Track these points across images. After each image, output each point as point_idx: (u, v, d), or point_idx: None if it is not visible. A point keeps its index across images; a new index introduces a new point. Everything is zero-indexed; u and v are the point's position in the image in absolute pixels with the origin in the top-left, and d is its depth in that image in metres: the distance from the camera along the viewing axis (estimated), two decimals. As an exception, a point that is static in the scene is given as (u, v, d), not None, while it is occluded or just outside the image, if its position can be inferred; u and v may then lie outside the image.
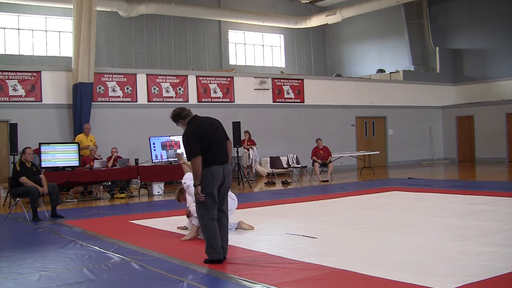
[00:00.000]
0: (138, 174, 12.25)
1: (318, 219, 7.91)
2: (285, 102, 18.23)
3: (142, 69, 17.60)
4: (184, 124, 5.44)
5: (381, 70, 22.33)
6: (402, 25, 22.66)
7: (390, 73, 21.93)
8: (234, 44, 23.30)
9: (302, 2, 24.08)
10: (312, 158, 14.98)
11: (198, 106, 15.73)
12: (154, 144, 13.07)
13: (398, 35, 23.02)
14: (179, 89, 16.08)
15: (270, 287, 4.35)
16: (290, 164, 15.84)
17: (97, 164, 11.72)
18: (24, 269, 5.28)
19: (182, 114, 5.46)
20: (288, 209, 9.34)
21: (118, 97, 15.12)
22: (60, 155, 11.77)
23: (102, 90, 14.87)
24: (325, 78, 20.96)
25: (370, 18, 23.09)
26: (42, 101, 14.05)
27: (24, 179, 8.78)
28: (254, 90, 17.61)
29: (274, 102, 17.99)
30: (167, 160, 13.09)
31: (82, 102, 14.03)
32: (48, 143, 11.93)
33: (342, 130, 19.41)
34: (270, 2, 23.76)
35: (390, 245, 5.91)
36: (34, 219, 8.57)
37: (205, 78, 16.64)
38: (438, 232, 6.61)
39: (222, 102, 16.85)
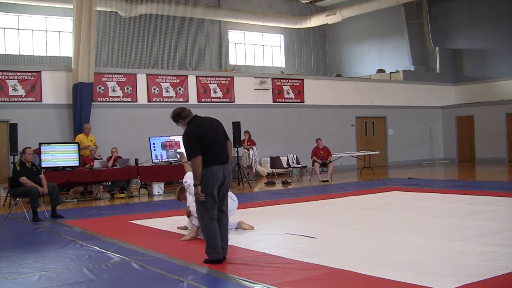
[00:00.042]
0: (138, 174, 12.26)
1: (318, 219, 7.91)
2: (285, 102, 18.23)
3: (142, 69, 17.60)
4: (184, 124, 5.45)
5: (381, 70, 22.33)
6: (402, 25, 22.66)
7: (390, 73, 21.93)
8: (234, 44, 23.31)
9: (302, 2, 24.08)
10: (312, 158, 14.98)
11: (198, 106, 15.72)
12: (154, 144, 13.07)
13: (398, 35, 23.02)
14: (179, 89, 16.08)
15: (270, 287, 4.35)
16: (290, 164, 15.84)
17: (97, 164, 11.72)
18: (24, 269, 5.28)
19: (182, 114, 5.47)
20: (288, 209, 9.34)
21: (118, 97, 15.12)
22: (60, 155, 11.77)
23: (102, 90, 14.87)
24: (325, 78, 20.95)
25: (370, 18, 23.09)
26: (42, 101, 14.06)
27: (24, 179, 8.78)
28: (254, 90, 17.61)
29: (274, 102, 17.99)
30: (167, 160, 13.09)
31: (82, 102, 14.04)
32: (48, 143, 11.94)
33: (342, 130, 19.40)
34: (270, 2, 23.76)
35: (390, 245, 5.91)
36: (34, 219, 8.57)
37: (205, 78, 16.64)
38: (438, 232, 6.61)
39: (222, 102, 16.85)
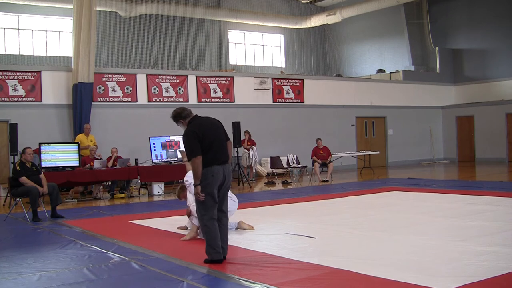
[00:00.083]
0: (138, 174, 12.25)
1: (318, 219, 7.91)
2: (285, 102, 18.23)
3: (142, 69, 17.60)
4: (184, 124, 5.46)
5: (381, 70, 22.33)
6: (402, 25, 22.66)
7: (390, 73, 21.93)
8: (234, 44, 23.31)
9: (302, 2, 24.08)
10: (312, 158, 14.97)
11: (198, 106, 15.72)
12: (154, 144, 13.07)
13: (398, 35, 23.02)
14: (179, 89, 16.08)
15: (270, 287, 4.35)
16: (290, 164, 15.84)
17: (97, 164, 11.72)
18: (24, 269, 5.28)
19: (182, 114, 5.47)
20: (288, 209, 9.34)
21: (118, 97, 15.12)
22: (60, 155, 11.77)
23: (102, 90, 14.87)
24: (325, 78, 20.95)
25: (370, 18, 23.09)
26: (42, 101, 14.06)
27: (24, 179, 8.78)
28: (254, 90, 17.61)
29: (274, 102, 17.99)
30: (167, 160, 13.09)
31: (82, 102, 14.04)
32: (48, 143, 11.93)
33: (342, 130, 19.40)
34: (270, 2, 23.76)
35: (390, 245, 5.91)
36: (34, 219, 8.57)
37: (205, 78, 16.64)
38: (438, 232, 6.61)
39: (222, 102, 16.85)
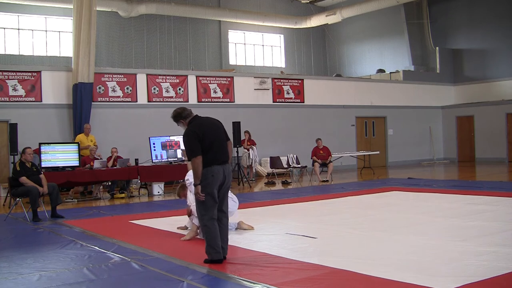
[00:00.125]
0: (138, 174, 12.25)
1: (318, 219, 7.91)
2: (285, 102, 18.23)
3: (142, 69, 17.60)
4: (185, 124, 5.46)
5: (381, 70, 22.33)
6: (402, 25, 22.66)
7: (390, 73, 21.93)
8: (234, 44, 23.31)
9: (302, 2, 24.08)
10: (312, 158, 14.97)
11: (198, 106, 15.72)
12: (154, 144, 13.07)
13: (398, 35, 23.02)
14: (179, 89, 16.08)
15: (270, 287, 4.35)
16: (290, 164, 15.84)
17: (97, 164, 11.72)
18: (24, 269, 5.27)
19: (183, 114, 5.48)
20: (288, 209, 9.34)
21: (118, 97, 15.12)
22: (60, 155, 11.77)
23: (102, 90, 14.87)
24: (325, 78, 20.95)
25: (370, 18, 23.09)
26: (42, 101, 14.05)
27: (24, 179, 8.78)
28: (254, 90, 17.61)
29: (274, 102, 17.99)
30: (167, 160, 13.09)
31: (82, 102, 14.04)
32: (48, 143, 11.93)
33: (342, 130, 19.40)
34: (270, 2, 23.76)
35: (390, 245, 5.91)
36: (34, 219, 8.57)
37: (205, 78, 16.64)
38: (438, 232, 6.61)
39: (222, 102, 16.85)
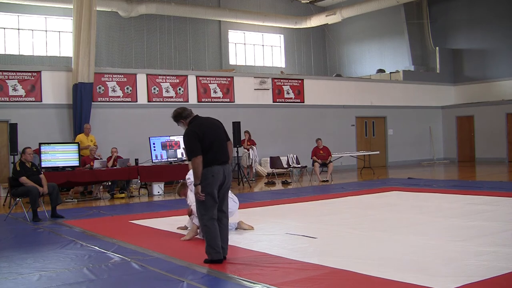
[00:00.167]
0: (138, 174, 12.25)
1: (318, 219, 7.91)
2: (285, 102, 18.23)
3: (142, 69, 17.60)
4: (185, 124, 5.46)
5: (381, 70, 22.33)
6: (402, 25, 22.66)
7: (390, 73, 21.93)
8: (234, 44, 23.30)
9: (302, 2, 24.08)
10: (312, 158, 14.97)
11: (198, 106, 15.72)
12: (154, 144, 13.06)
13: (398, 35, 23.02)
14: (179, 89, 16.08)
15: (270, 287, 4.35)
16: (290, 164, 15.84)
17: (97, 164, 11.72)
18: (24, 269, 5.27)
19: (183, 114, 5.48)
20: (288, 209, 9.34)
21: (118, 97, 15.12)
22: (60, 155, 11.77)
23: (102, 90, 14.87)
24: (325, 78, 20.95)
25: (370, 18, 23.09)
26: (42, 101, 14.05)
27: (24, 179, 8.78)
28: (254, 90, 17.61)
29: (274, 102, 17.98)
30: (167, 160, 13.09)
31: (82, 102, 14.04)
32: (48, 143, 11.93)
33: (342, 130, 19.40)
34: (270, 2, 23.76)
35: (390, 245, 5.91)
36: (34, 219, 8.57)
37: (205, 78, 16.64)
38: (438, 232, 6.61)
39: (222, 102, 16.85)
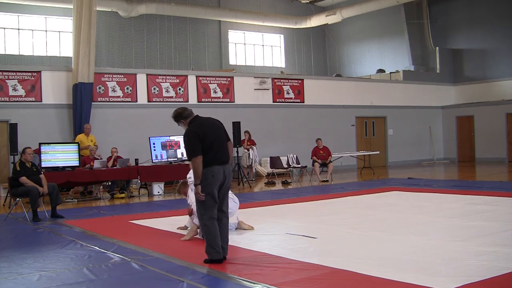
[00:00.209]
0: (138, 174, 12.25)
1: (318, 219, 7.91)
2: (285, 102, 18.23)
3: (142, 69, 17.60)
4: (185, 124, 5.47)
5: (381, 70, 22.33)
6: (402, 25, 22.66)
7: (390, 73, 21.93)
8: (234, 44, 23.30)
9: (302, 2, 24.08)
10: (312, 158, 14.97)
11: (198, 106, 15.71)
12: (154, 144, 13.06)
13: (398, 35, 23.02)
14: (179, 89, 16.08)
15: (270, 287, 4.35)
16: (290, 164, 15.84)
17: (97, 164, 11.72)
18: (24, 269, 5.27)
19: (183, 114, 5.48)
20: (288, 209, 9.34)
21: (118, 97, 15.12)
22: (60, 155, 11.77)
23: (102, 90, 14.87)
24: (325, 78, 20.95)
25: (370, 18, 23.09)
26: (42, 101, 14.05)
27: (24, 179, 8.78)
28: (254, 90, 17.61)
29: (274, 102, 17.98)
30: (167, 160, 13.09)
31: (82, 102, 14.04)
32: (48, 143, 11.93)
33: (342, 130, 19.40)
34: (270, 2, 23.76)
35: (390, 245, 5.91)
36: (34, 219, 8.57)
37: (205, 78, 16.64)
38: (438, 232, 6.61)
39: (222, 102, 16.85)
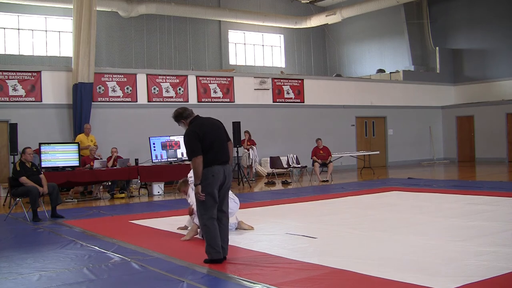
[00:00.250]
0: (138, 174, 12.25)
1: (318, 219, 7.91)
2: (285, 102, 18.23)
3: (142, 69, 17.60)
4: (185, 124, 5.47)
5: (381, 70, 22.33)
6: (402, 25, 22.66)
7: (390, 73, 21.93)
8: (234, 44, 23.30)
9: (302, 2, 24.08)
10: (312, 158, 14.97)
11: (198, 106, 15.71)
12: (154, 144, 13.06)
13: (398, 35, 23.02)
14: (179, 89, 16.08)
15: (270, 287, 4.35)
16: (290, 164, 15.84)
17: (97, 164, 11.72)
18: (24, 269, 5.27)
19: (184, 114, 5.48)
20: (288, 209, 9.34)
21: (118, 97, 15.12)
22: (60, 155, 11.77)
23: (102, 90, 14.87)
24: (325, 78, 20.95)
25: (370, 18, 23.09)
26: (42, 101, 14.06)
27: (24, 179, 8.78)
28: (254, 90, 17.61)
29: (274, 102, 17.98)
30: (167, 160, 13.09)
31: (82, 102, 14.04)
32: (48, 143, 11.93)
33: (342, 130, 19.40)
34: (270, 2, 23.76)
35: (390, 245, 5.91)
36: (34, 219, 8.57)
37: (205, 78, 16.64)
38: (438, 232, 6.61)
39: (222, 102, 16.85)
